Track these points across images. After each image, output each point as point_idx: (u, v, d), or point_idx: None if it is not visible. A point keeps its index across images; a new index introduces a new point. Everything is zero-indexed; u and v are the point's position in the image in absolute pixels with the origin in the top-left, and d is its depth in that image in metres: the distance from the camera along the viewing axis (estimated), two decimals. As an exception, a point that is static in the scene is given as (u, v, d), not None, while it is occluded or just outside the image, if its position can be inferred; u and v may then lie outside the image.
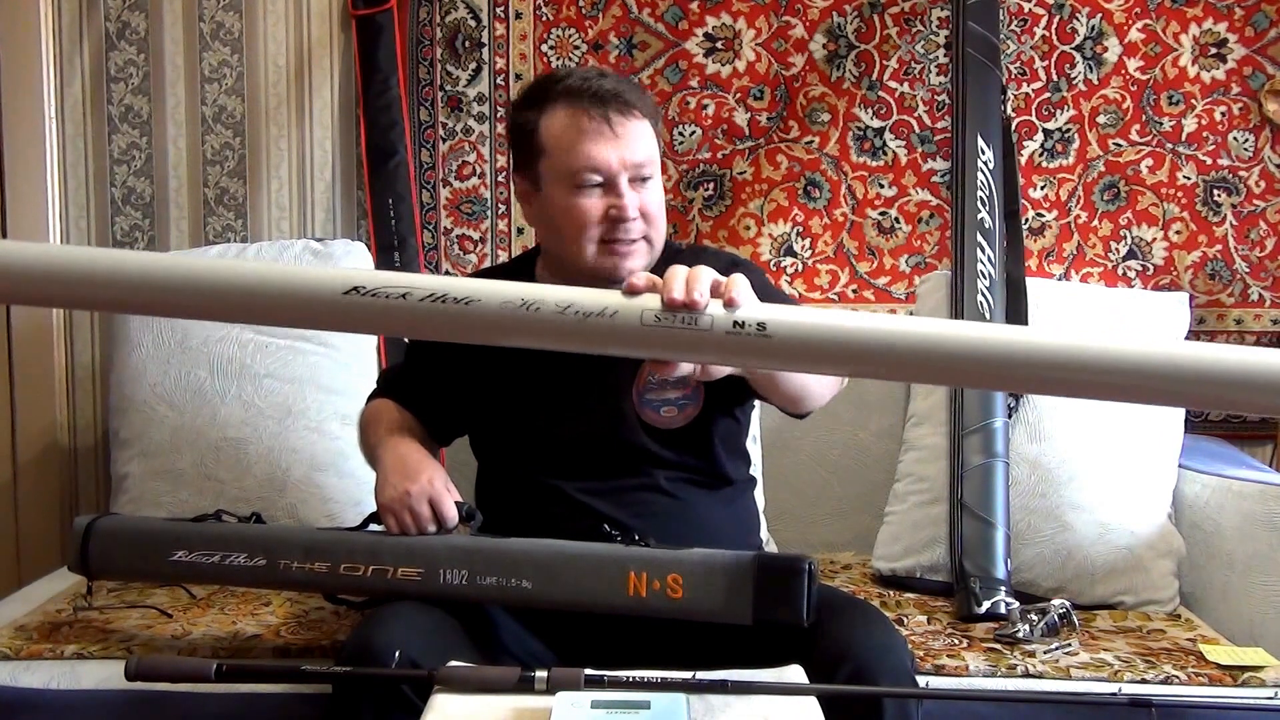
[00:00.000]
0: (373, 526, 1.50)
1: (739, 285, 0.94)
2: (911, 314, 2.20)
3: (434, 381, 1.60)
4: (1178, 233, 2.27)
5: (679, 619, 1.36)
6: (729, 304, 0.92)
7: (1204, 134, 2.25)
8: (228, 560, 1.46)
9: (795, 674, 1.17)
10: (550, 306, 0.91)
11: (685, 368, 1.14)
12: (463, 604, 1.41)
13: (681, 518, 1.45)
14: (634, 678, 1.11)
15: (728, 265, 1.54)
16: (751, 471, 1.66)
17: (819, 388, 1.41)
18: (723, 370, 1.23)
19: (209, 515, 1.54)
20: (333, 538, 1.46)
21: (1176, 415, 1.96)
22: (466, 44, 2.32)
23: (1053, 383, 0.91)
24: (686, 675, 1.12)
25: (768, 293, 1.51)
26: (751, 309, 0.92)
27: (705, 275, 0.95)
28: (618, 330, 0.92)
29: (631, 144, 1.44)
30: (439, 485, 1.44)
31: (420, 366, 1.62)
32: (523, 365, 1.53)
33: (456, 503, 1.44)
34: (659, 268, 1.54)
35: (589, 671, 1.11)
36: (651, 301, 0.93)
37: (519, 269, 1.61)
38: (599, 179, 1.44)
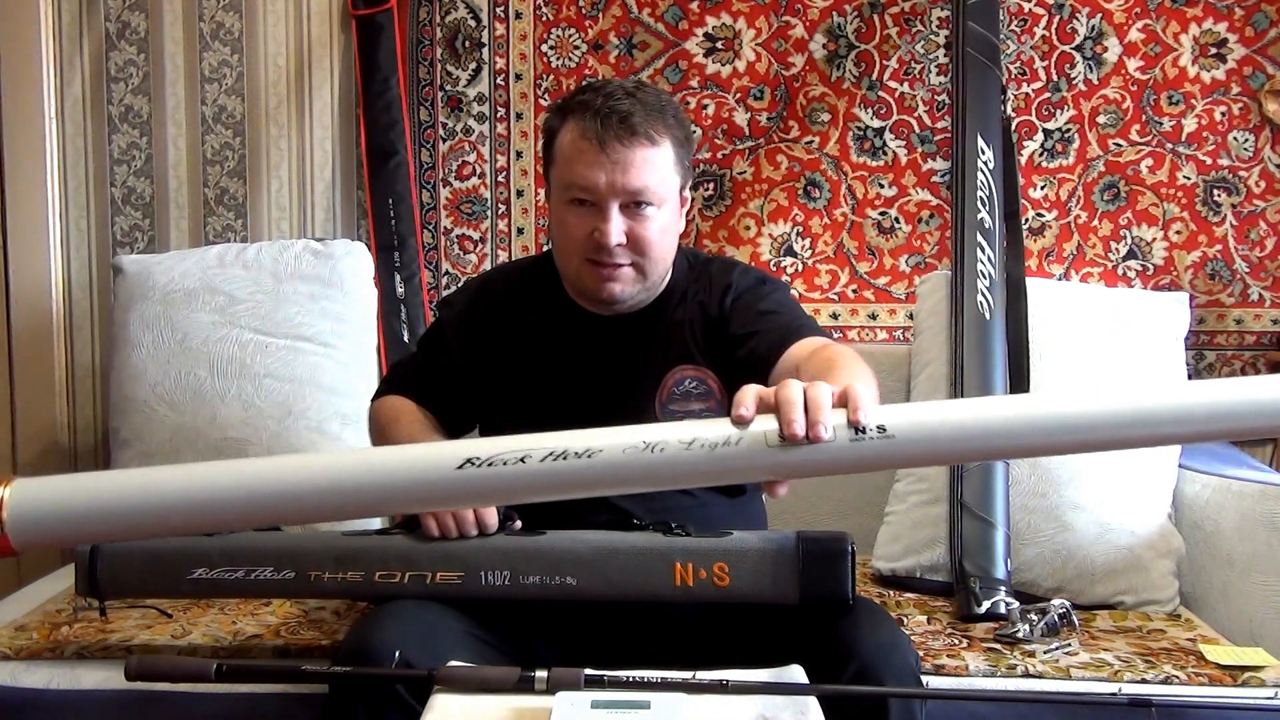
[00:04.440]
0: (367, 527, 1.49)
1: (863, 399, 0.92)
2: (911, 315, 2.20)
3: (453, 380, 1.59)
4: (1178, 233, 2.27)
5: (726, 604, 1.37)
6: (854, 423, 0.91)
7: (1204, 134, 2.25)
8: (254, 575, 1.42)
9: (795, 674, 1.17)
10: (674, 445, 0.90)
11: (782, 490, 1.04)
12: (460, 602, 1.40)
13: (696, 518, 1.45)
14: (634, 678, 1.11)
15: (756, 281, 1.54)
16: None
17: None
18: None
19: None
20: (363, 545, 1.43)
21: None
22: (466, 44, 2.32)
23: (1169, 436, 0.96)
24: (686, 675, 1.12)
25: (793, 310, 1.51)
26: (871, 414, 0.91)
27: (825, 400, 0.92)
28: (743, 458, 0.91)
29: (628, 170, 1.41)
30: None
31: (437, 365, 1.61)
32: (546, 371, 1.53)
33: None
34: (686, 282, 1.55)
35: (589, 671, 1.11)
36: (770, 424, 0.92)
37: (544, 266, 1.60)
38: (588, 199, 1.43)
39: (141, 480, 0.95)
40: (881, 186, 2.31)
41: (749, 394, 0.95)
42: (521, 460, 0.89)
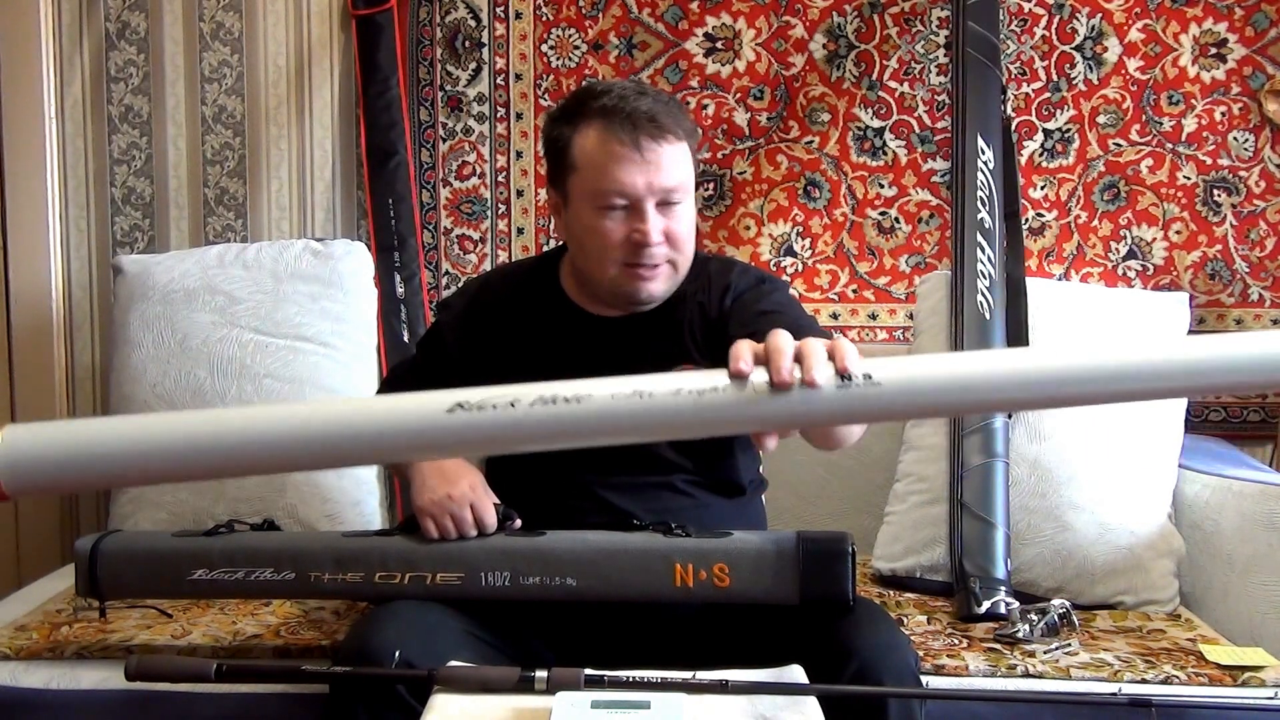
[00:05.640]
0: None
1: (849, 351, 0.91)
2: (911, 315, 2.20)
3: (451, 383, 1.58)
4: (1178, 233, 2.27)
5: (726, 605, 1.38)
6: (842, 370, 0.89)
7: (1204, 134, 2.25)
8: (253, 576, 1.42)
9: (795, 674, 1.17)
10: (662, 392, 0.91)
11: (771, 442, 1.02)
12: (460, 602, 1.40)
13: (696, 518, 1.45)
14: (634, 678, 1.11)
15: (756, 281, 1.54)
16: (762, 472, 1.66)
17: (857, 429, 1.35)
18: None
19: (220, 527, 1.50)
20: (363, 546, 1.43)
21: (1177, 415, 1.96)
22: (466, 44, 2.32)
23: (1162, 390, 0.95)
24: (686, 675, 1.12)
25: (793, 310, 1.51)
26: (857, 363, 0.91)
27: (819, 351, 0.91)
28: (732, 407, 0.91)
29: (661, 169, 1.42)
30: (479, 490, 1.43)
31: (436, 367, 1.61)
32: (545, 373, 1.52)
33: (494, 505, 1.43)
34: (686, 282, 1.55)
35: (589, 671, 1.11)
36: (760, 375, 0.91)
37: (543, 267, 1.61)
38: (624, 202, 1.43)
39: (136, 426, 0.94)
40: (881, 186, 2.31)
41: (745, 348, 0.94)
42: (511, 405, 0.90)
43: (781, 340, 0.93)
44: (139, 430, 0.92)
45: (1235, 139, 2.25)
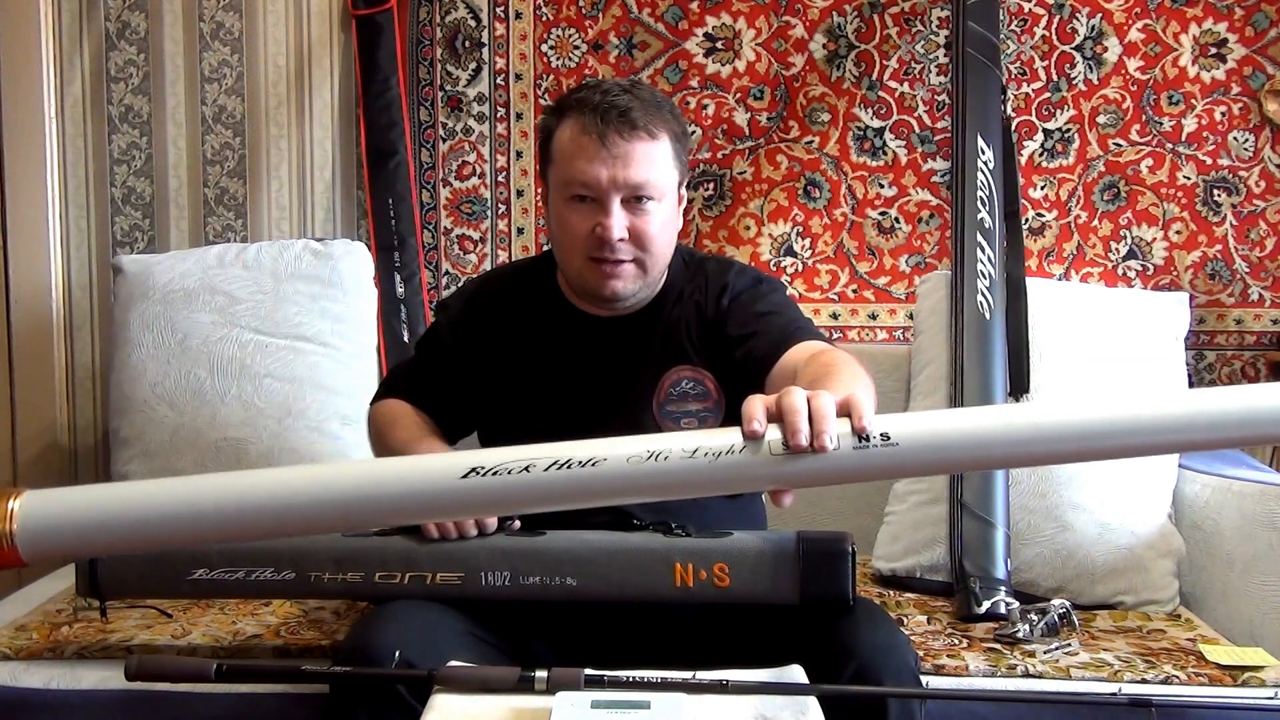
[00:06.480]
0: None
1: (865, 408, 0.92)
2: (911, 315, 2.20)
3: (451, 384, 1.59)
4: (1178, 233, 2.27)
5: (725, 605, 1.38)
6: (859, 431, 0.90)
7: (1204, 134, 2.25)
8: (254, 576, 1.42)
9: (795, 674, 1.17)
10: (678, 453, 0.90)
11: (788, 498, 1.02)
12: (460, 602, 1.40)
13: (696, 518, 1.45)
14: (634, 678, 1.11)
15: (753, 281, 1.54)
16: None
17: None
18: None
19: None
20: (363, 545, 1.43)
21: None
22: (466, 44, 2.32)
23: (1158, 446, 0.95)
24: (686, 675, 1.12)
25: (790, 311, 1.51)
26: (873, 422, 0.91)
27: (829, 410, 0.91)
28: (748, 467, 0.91)
29: (629, 164, 1.41)
30: None
31: (435, 368, 1.61)
32: (543, 373, 1.53)
33: None
34: (682, 282, 1.55)
35: (589, 671, 1.11)
36: (774, 433, 0.92)
37: (540, 267, 1.61)
38: (589, 195, 1.43)
39: (151, 492, 0.95)
40: (881, 186, 2.31)
41: (758, 407, 0.94)
42: (526, 469, 0.89)
43: (796, 399, 0.93)
44: (155, 497, 0.93)
45: (1235, 139, 2.25)
